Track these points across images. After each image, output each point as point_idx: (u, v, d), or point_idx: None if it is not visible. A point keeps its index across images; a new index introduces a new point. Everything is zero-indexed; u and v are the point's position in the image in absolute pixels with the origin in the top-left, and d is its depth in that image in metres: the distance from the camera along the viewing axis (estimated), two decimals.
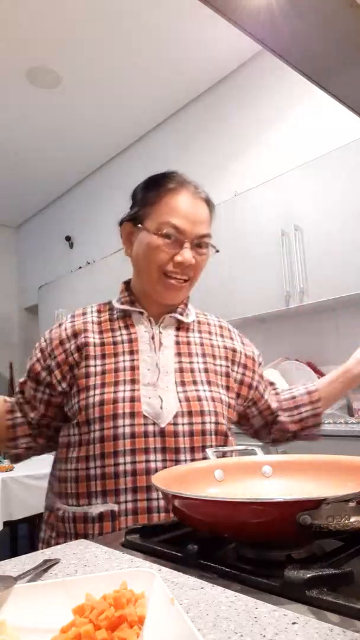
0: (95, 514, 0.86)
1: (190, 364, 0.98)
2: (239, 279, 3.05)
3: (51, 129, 4.27)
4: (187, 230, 0.94)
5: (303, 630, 0.39)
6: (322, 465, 0.72)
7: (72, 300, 4.73)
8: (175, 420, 0.90)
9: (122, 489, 0.86)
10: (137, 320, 1.01)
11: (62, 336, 0.99)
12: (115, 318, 1.01)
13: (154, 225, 0.95)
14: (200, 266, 0.99)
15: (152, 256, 0.95)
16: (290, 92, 3.22)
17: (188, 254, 0.94)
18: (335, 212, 2.59)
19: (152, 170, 1.07)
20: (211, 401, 0.95)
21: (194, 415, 0.92)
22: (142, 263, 0.98)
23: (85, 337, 0.97)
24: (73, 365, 0.95)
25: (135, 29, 3.19)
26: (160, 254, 0.95)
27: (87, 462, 0.89)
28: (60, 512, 0.91)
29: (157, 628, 0.38)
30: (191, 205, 0.96)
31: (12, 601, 0.44)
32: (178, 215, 0.94)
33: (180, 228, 0.94)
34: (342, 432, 2.16)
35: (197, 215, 0.96)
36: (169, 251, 0.95)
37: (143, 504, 0.85)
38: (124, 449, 0.87)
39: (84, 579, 0.47)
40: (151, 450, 0.88)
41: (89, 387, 0.92)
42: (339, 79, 0.83)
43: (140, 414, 0.89)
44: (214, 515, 0.54)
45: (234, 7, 0.66)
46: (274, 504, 0.50)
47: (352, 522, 0.48)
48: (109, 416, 0.88)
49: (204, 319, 1.09)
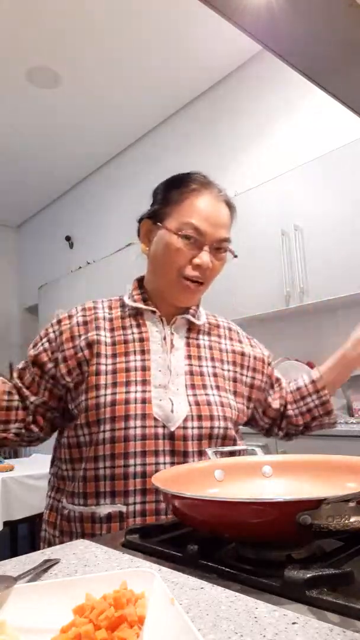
0: (103, 514, 0.85)
1: (200, 368, 0.98)
2: (239, 279, 3.05)
3: (51, 129, 4.27)
4: (207, 232, 0.93)
5: (303, 630, 0.39)
6: (322, 465, 0.72)
7: (72, 300, 4.72)
8: (185, 424, 0.90)
9: (131, 491, 0.85)
10: (149, 319, 1.00)
11: (73, 331, 0.97)
12: (127, 315, 1.00)
13: (174, 225, 0.94)
14: (216, 270, 0.98)
15: (171, 256, 0.94)
16: (290, 93, 3.22)
17: (207, 257, 0.94)
18: (335, 212, 2.59)
19: (152, 170, 1.07)
20: (220, 406, 0.94)
21: (203, 420, 0.91)
22: (159, 262, 0.97)
23: (97, 335, 0.96)
24: (82, 362, 0.94)
25: (135, 29, 3.19)
26: (179, 255, 0.94)
27: (96, 462, 0.88)
28: (66, 511, 0.91)
29: (157, 628, 0.38)
30: (213, 207, 0.95)
31: (12, 601, 0.44)
32: (200, 216, 0.93)
33: (201, 230, 0.93)
34: (342, 432, 2.16)
35: (219, 218, 0.95)
36: (188, 253, 0.94)
37: (152, 506, 0.85)
38: (134, 450, 0.86)
39: (84, 579, 0.47)
40: (160, 453, 0.87)
41: (100, 385, 0.91)
42: (339, 79, 0.83)
43: (151, 416, 0.89)
44: (214, 515, 0.54)
45: (234, 7, 0.66)
46: (274, 504, 0.50)
47: (352, 522, 0.48)
48: (120, 417, 0.88)
49: (214, 321, 1.09)
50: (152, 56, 3.45)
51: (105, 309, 1.01)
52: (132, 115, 4.16)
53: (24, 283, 6.16)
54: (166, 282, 0.97)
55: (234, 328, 1.12)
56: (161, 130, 4.30)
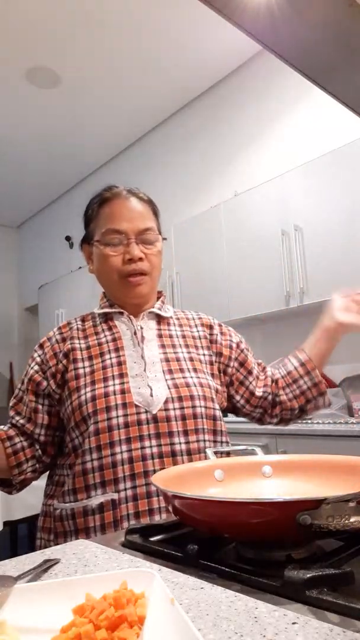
0: (95, 505, 0.87)
1: (175, 354, 1.02)
2: (239, 279, 3.05)
3: (51, 129, 4.27)
4: (126, 229, 1.01)
5: (303, 630, 0.39)
6: (322, 465, 0.72)
7: (72, 300, 4.73)
8: (166, 406, 0.93)
9: (120, 477, 0.88)
10: (118, 319, 1.06)
11: (54, 349, 1.02)
12: (98, 323, 1.06)
13: (99, 237, 1.03)
14: (153, 259, 1.04)
15: (106, 264, 1.02)
16: (290, 92, 3.22)
17: (135, 249, 1.00)
18: (335, 212, 2.59)
19: (153, 170, 1.10)
20: (199, 387, 0.99)
21: (184, 400, 0.95)
22: (102, 273, 1.05)
23: (71, 344, 1.01)
24: (63, 372, 0.99)
25: (135, 29, 3.19)
26: (112, 259, 1.01)
27: (84, 456, 0.90)
28: (58, 511, 0.92)
29: (157, 628, 0.38)
30: (122, 205, 1.03)
31: (12, 601, 0.44)
32: (114, 219, 1.02)
33: (119, 229, 1.01)
34: (342, 432, 2.16)
35: (132, 212, 1.02)
36: (118, 254, 1.01)
37: (142, 490, 0.88)
38: (119, 438, 0.89)
39: (84, 579, 0.47)
40: (145, 437, 0.91)
41: (80, 387, 0.95)
42: (339, 79, 0.83)
43: (132, 404, 0.92)
44: (214, 515, 0.54)
45: (234, 7, 0.66)
46: (274, 504, 0.50)
47: (352, 522, 0.48)
48: (102, 409, 0.91)
49: (182, 315, 1.14)
50: (152, 56, 3.45)
51: (78, 322, 1.08)
52: (132, 116, 4.16)
53: (24, 283, 6.16)
54: (114, 287, 1.05)
55: (204, 317, 1.15)
56: (161, 130, 4.30)
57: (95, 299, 1.09)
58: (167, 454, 0.90)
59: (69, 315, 4.71)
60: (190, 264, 3.39)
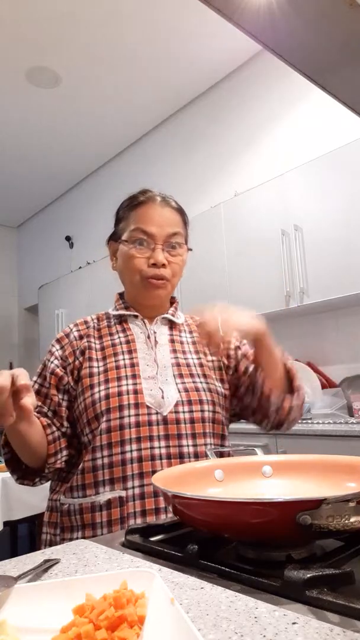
0: (103, 501, 0.89)
1: (186, 360, 1.05)
2: (239, 279, 3.05)
3: (51, 129, 4.27)
4: (155, 233, 1.02)
5: (303, 630, 0.39)
6: (322, 465, 0.72)
7: (72, 300, 4.73)
8: (176, 409, 0.96)
9: (129, 475, 0.90)
10: (132, 322, 1.08)
11: (73, 345, 1.04)
12: (112, 324, 1.09)
13: (127, 236, 1.05)
14: (176, 267, 1.06)
15: (130, 264, 1.04)
16: (290, 92, 3.22)
17: (160, 255, 1.02)
18: (335, 212, 2.59)
19: (153, 170, 1.10)
20: (208, 392, 1.01)
21: (193, 404, 0.98)
22: (124, 272, 1.07)
23: (88, 342, 1.04)
24: (79, 368, 1.01)
25: (135, 29, 3.19)
26: (136, 260, 1.03)
27: (94, 453, 0.93)
28: (65, 506, 0.94)
29: (157, 628, 0.38)
30: (156, 211, 1.05)
31: (12, 601, 0.44)
32: (145, 221, 1.03)
33: (148, 232, 1.02)
34: (342, 432, 2.16)
35: (164, 219, 1.04)
36: (143, 256, 1.03)
37: (150, 489, 0.90)
38: (130, 437, 0.92)
39: (84, 579, 0.47)
40: (155, 438, 0.93)
41: (94, 385, 0.97)
42: (338, 78, 0.82)
43: (143, 405, 0.95)
44: (214, 515, 0.54)
45: (234, 7, 0.66)
46: (274, 504, 0.50)
47: (352, 522, 0.48)
48: (115, 408, 0.93)
49: (192, 321, 1.16)
50: (152, 56, 3.45)
51: (94, 321, 1.11)
52: (132, 115, 4.16)
53: (23, 283, 6.15)
54: (134, 287, 1.06)
55: None
56: (161, 130, 4.30)
57: (95, 299, 1.09)
58: (175, 456, 0.93)
59: (69, 315, 4.71)
60: (190, 264, 3.39)
